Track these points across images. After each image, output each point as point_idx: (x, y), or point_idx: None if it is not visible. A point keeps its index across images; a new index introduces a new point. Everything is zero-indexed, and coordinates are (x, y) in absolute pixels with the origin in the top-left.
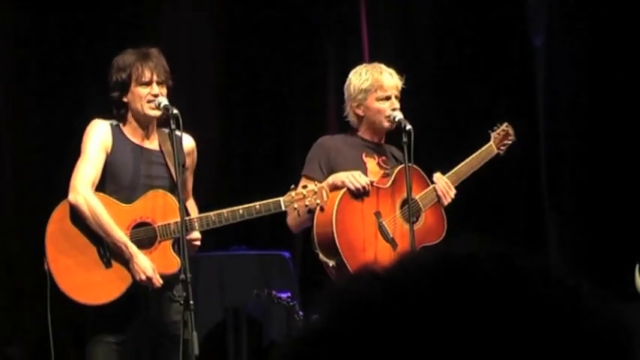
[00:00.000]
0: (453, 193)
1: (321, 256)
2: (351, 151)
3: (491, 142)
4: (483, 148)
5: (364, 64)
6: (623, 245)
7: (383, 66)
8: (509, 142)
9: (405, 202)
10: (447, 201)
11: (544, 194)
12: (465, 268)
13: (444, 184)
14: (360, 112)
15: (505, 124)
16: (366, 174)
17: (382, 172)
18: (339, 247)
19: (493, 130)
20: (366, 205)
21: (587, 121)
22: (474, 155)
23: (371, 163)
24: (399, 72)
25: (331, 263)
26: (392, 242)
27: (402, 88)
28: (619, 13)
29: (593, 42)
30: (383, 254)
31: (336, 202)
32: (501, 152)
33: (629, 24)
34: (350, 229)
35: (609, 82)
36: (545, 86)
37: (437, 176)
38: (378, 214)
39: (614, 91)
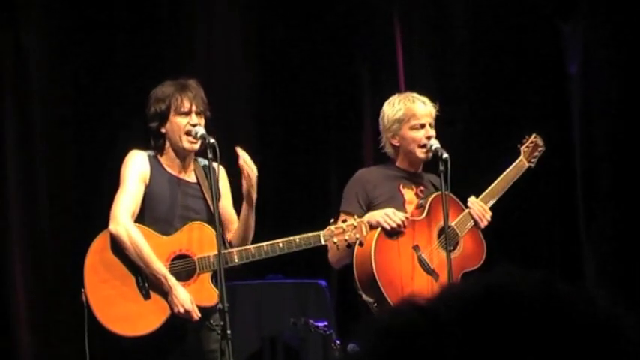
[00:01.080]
0: (489, 215)
1: (364, 296)
2: (387, 183)
3: (521, 157)
4: (514, 164)
5: (397, 94)
6: None
7: (416, 94)
8: (539, 153)
9: (442, 231)
10: (483, 224)
11: (580, 223)
12: (506, 297)
13: (479, 208)
14: (395, 142)
15: (533, 135)
16: (403, 205)
17: (418, 202)
18: (381, 286)
19: (522, 144)
20: (402, 241)
21: (624, 148)
22: (505, 173)
23: (408, 194)
24: (433, 100)
25: (375, 303)
26: (433, 273)
27: (438, 116)
28: None
29: (629, 69)
30: (425, 287)
31: (373, 242)
32: (532, 165)
33: None
34: (389, 267)
35: None
36: (581, 113)
37: (471, 200)
38: (416, 248)
39: None
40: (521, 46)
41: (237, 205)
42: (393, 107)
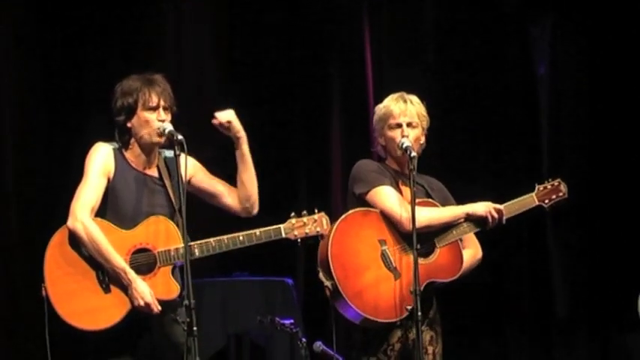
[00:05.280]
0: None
1: (320, 274)
2: (391, 178)
3: (532, 194)
4: (523, 197)
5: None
6: (626, 273)
7: (405, 94)
8: (559, 198)
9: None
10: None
11: (547, 221)
12: None
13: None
14: (382, 141)
15: (557, 180)
16: None
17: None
18: (332, 269)
19: (541, 183)
20: (369, 231)
21: (591, 147)
22: (509, 203)
23: (406, 191)
24: (422, 99)
25: (326, 283)
26: (394, 271)
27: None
28: (621, 41)
29: (596, 69)
30: (384, 282)
31: (335, 226)
32: (545, 206)
33: (632, 51)
34: (346, 251)
35: (613, 108)
36: (549, 113)
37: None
38: (382, 242)
39: (617, 117)
40: (490, 47)
41: (200, 203)
42: (380, 106)
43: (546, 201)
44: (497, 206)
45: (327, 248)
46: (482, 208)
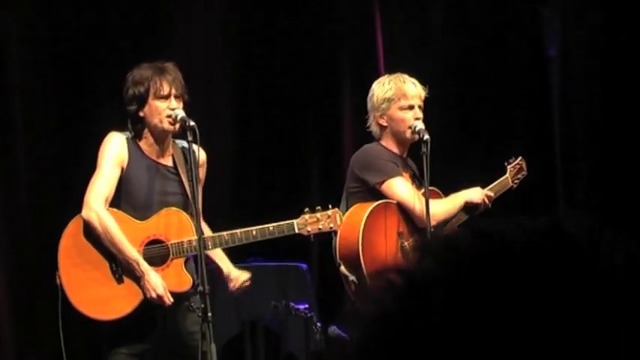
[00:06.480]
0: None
1: (342, 268)
2: (396, 164)
3: (507, 175)
4: (500, 180)
5: (387, 75)
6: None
7: (406, 76)
8: (522, 176)
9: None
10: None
11: (560, 206)
12: (497, 248)
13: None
14: (383, 122)
15: (520, 158)
16: None
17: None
18: (362, 263)
19: (509, 163)
20: (390, 224)
21: (603, 130)
22: (494, 184)
23: (406, 177)
24: (422, 82)
25: (351, 278)
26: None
27: (426, 98)
28: (633, 23)
29: (608, 51)
30: None
31: (364, 219)
32: (514, 186)
33: None
34: (374, 246)
35: (625, 91)
36: (560, 95)
37: None
38: (400, 235)
39: (629, 100)
40: (500, 29)
41: (214, 194)
42: (383, 86)
43: (515, 181)
44: (488, 192)
45: (356, 242)
46: (478, 195)
